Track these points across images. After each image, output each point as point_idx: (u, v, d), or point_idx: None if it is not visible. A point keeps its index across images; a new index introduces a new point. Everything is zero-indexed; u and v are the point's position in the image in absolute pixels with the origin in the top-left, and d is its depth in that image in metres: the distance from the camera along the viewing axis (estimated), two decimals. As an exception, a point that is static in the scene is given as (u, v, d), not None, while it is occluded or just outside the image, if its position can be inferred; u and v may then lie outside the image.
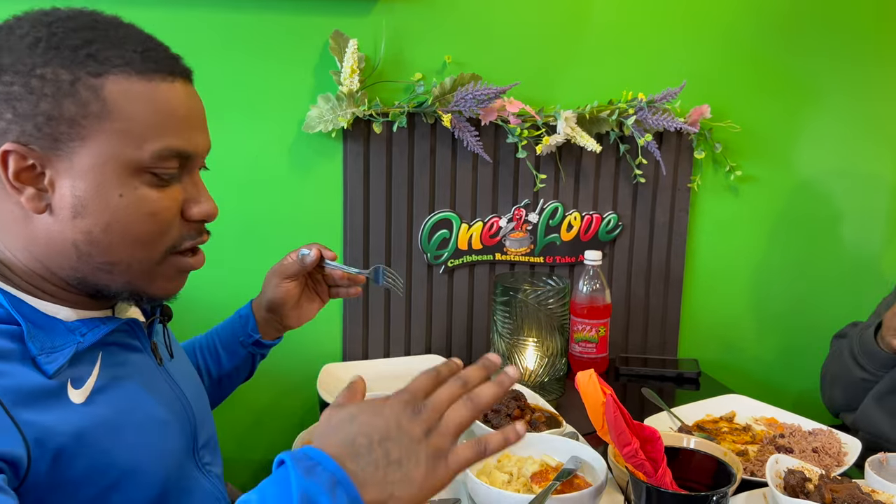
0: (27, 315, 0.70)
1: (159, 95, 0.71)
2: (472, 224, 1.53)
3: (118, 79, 0.69)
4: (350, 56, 1.35)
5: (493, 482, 0.96)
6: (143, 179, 0.71)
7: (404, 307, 1.54)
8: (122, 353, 0.79)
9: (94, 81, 0.68)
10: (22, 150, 0.67)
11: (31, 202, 0.69)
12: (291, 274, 1.06)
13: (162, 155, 0.71)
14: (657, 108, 1.51)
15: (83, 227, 0.70)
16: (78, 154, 0.69)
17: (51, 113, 0.67)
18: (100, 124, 0.68)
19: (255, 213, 1.45)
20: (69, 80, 0.67)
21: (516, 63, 1.50)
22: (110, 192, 0.70)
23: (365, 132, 1.44)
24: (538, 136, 1.48)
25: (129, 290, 0.76)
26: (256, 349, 1.12)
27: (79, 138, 0.68)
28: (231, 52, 1.37)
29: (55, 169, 0.69)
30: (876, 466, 0.98)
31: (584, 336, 1.48)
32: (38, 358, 0.68)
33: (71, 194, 0.69)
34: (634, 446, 0.82)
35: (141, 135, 0.70)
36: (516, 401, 1.17)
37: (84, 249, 0.71)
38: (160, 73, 0.71)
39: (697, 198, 1.66)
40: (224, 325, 1.14)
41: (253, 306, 1.11)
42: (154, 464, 0.77)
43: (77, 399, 0.70)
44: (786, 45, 1.64)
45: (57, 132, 0.68)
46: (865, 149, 1.73)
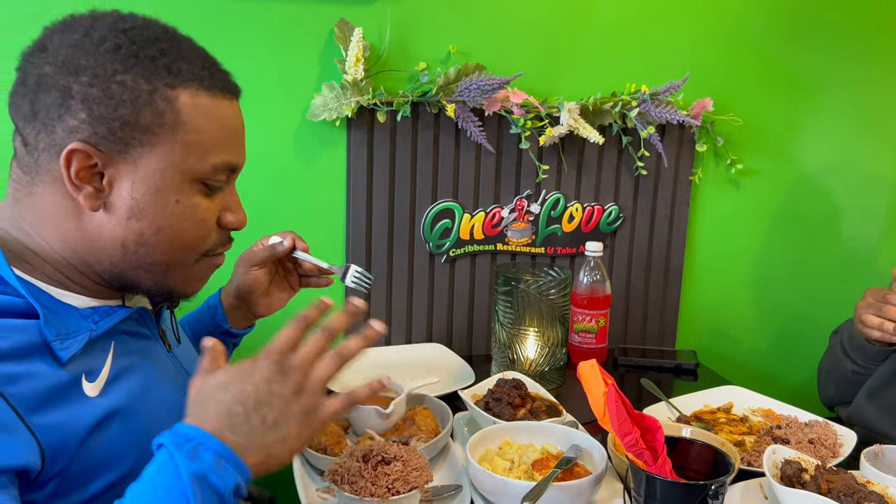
0: (44, 302, 0.71)
1: (223, 112, 0.76)
2: (475, 214, 1.54)
3: (189, 92, 0.73)
4: (355, 45, 1.35)
5: (495, 469, 0.97)
6: (197, 188, 0.76)
7: (406, 296, 1.55)
8: (133, 341, 0.81)
9: (170, 93, 0.72)
10: (89, 150, 0.70)
11: (88, 200, 0.71)
12: (259, 261, 1.05)
13: (219, 167, 0.76)
14: (660, 100, 1.51)
15: (137, 228, 0.73)
16: (144, 159, 0.72)
17: (127, 119, 0.70)
18: (172, 135, 0.72)
19: (258, 200, 1.45)
20: (148, 90, 0.71)
21: (521, 54, 1.50)
22: (168, 197, 0.73)
23: (369, 121, 1.44)
24: (541, 127, 1.49)
25: (162, 288, 0.79)
26: (227, 338, 1.11)
27: (149, 145, 0.71)
28: (235, 39, 1.37)
29: (117, 170, 0.71)
30: (871, 458, 1.00)
31: (584, 326, 1.49)
32: (54, 344, 0.69)
33: (129, 196, 0.72)
34: (635, 435, 0.83)
35: (207, 148, 0.74)
36: (517, 389, 1.19)
37: (132, 249, 0.74)
38: (222, 90, 0.76)
39: (698, 191, 1.67)
40: (193, 315, 1.13)
41: (221, 295, 1.10)
42: None
43: (92, 392, 0.72)
44: (789, 40, 1.64)
45: (129, 137, 0.71)
46: (866, 145, 1.74)
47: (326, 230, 1.50)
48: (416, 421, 1.12)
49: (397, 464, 0.92)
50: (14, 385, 0.65)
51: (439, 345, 1.56)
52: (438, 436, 1.08)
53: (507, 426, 1.08)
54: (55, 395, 0.68)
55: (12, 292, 0.70)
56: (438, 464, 1.08)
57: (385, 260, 1.52)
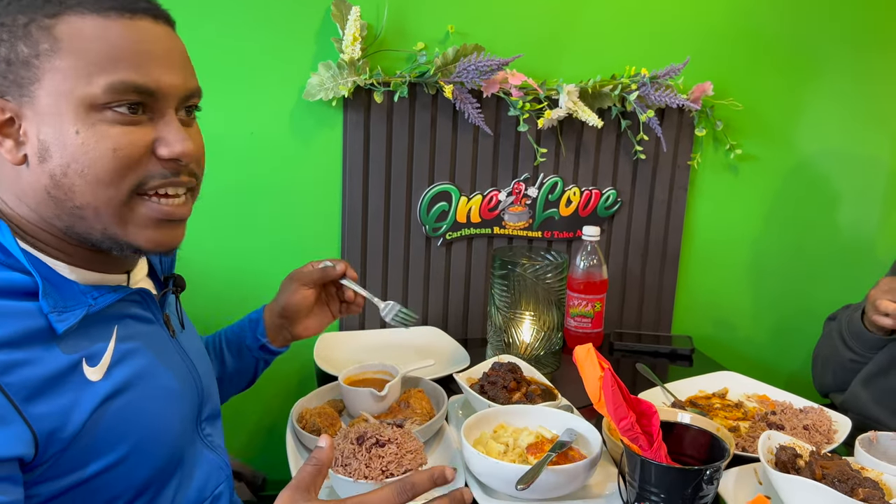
0: (43, 273, 0.70)
1: (113, 31, 0.69)
2: (472, 197, 1.53)
3: (72, 18, 0.68)
4: (352, 23, 1.33)
5: (489, 452, 0.97)
6: (102, 117, 0.69)
7: (402, 279, 1.54)
8: (136, 324, 0.80)
9: (48, 21, 0.68)
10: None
11: (10, 154, 0.70)
12: (311, 281, 1.07)
13: (116, 88, 0.69)
14: (660, 83, 1.50)
15: (48, 169, 0.69)
16: (38, 97, 0.68)
17: (8, 57, 0.68)
18: (50, 62, 0.68)
19: (254, 180, 1.44)
20: (24, 23, 0.68)
21: (520, 35, 1.48)
22: (67, 129, 0.68)
23: (366, 101, 1.43)
24: (540, 109, 1.47)
25: (109, 237, 0.73)
26: (262, 354, 1.11)
27: (36, 80, 0.68)
28: (231, 16, 1.35)
29: (27, 118, 0.69)
30: (866, 444, 1.00)
31: (580, 311, 1.49)
32: (51, 315, 0.68)
33: (37, 139, 0.69)
34: (631, 420, 0.83)
35: (92, 69, 0.68)
36: (512, 373, 1.18)
37: (54, 194, 0.70)
38: (116, 9, 0.70)
39: (697, 175, 1.66)
40: (232, 327, 1.14)
41: (265, 311, 1.11)
42: (163, 434, 0.78)
43: (94, 377, 0.71)
44: (791, 26, 1.62)
45: (18, 77, 0.68)
46: (865, 131, 1.73)
47: (322, 212, 1.49)
48: (411, 404, 1.12)
49: (391, 446, 0.91)
50: (10, 374, 0.64)
51: (435, 328, 1.55)
52: (433, 419, 1.07)
53: (501, 409, 1.07)
54: (54, 382, 0.67)
55: (16, 264, 0.69)
56: (433, 447, 1.08)
57: (381, 242, 1.51)
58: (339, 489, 0.92)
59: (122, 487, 0.74)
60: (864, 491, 0.86)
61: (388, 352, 1.42)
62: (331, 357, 1.38)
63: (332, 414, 1.10)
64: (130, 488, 0.75)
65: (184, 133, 0.74)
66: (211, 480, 0.87)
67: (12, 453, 0.62)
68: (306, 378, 1.53)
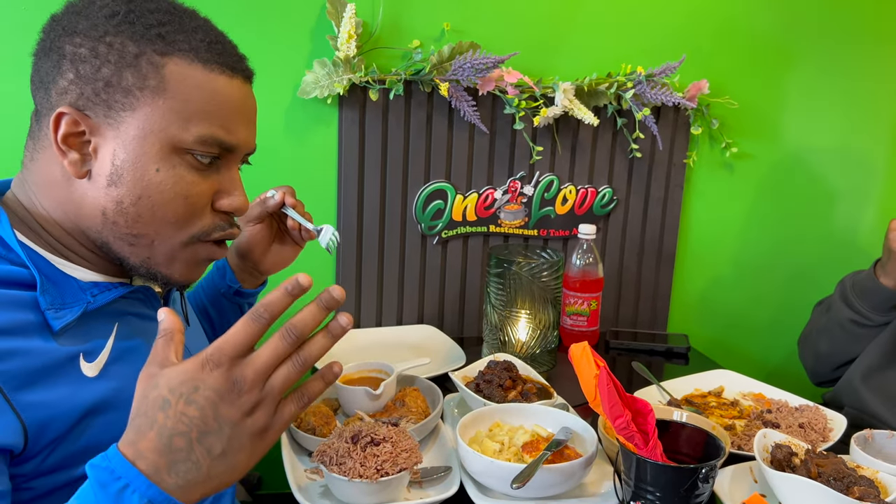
0: (42, 269, 0.70)
1: (215, 86, 0.73)
2: (467, 195, 1.53)
3: (181, 62, 0.71)
4: (347, 21, 1.33)
5: (485, 451, 0.96)
6: (182, 160, 0.73)
7: (397, 277, 1.54)
8: (139, 322, 0.79)
9: (158, 59, 0.70)
10: (76, 115, 0.70)
11: (73, 166, 0.71)
12: (253, 217, 1.05)
13: (205, 140, 0.73)
14: (656, 82, 1.50)
15: (115, 195, 0.71)
16: (126, 123, 0.70)
17: (110, 79, 0.70)
18: (153, 99, 0.70)
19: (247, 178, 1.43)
20: (134, 53, 0.70)
21: (516, 33, 1.48)
22: (148, 165, 0.71)
23: (361, 99, 1.42)
24: (536, 107, 1.47)
25: (147, 266, 0.76)
26: (240, 299, 1.11)
27: (130, 108, 0.70)
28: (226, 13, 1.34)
29: (103, 137, 0.71)
30: (861, 442, 1.00)
31: (575, 309, 1.48)
32: (47, 312, 0.68)
33: (111, 162, 0.71)
34: (626, 418, 0.83)
35: (190, 117, 0.72)
36: (508, 371, 1.18)
37: (111, 218, 0.72)
38: (221, 65, 0.74)
39: (693, 173, 1.66)
40: (206, 279, 1.13)
41: (227, 255, 1.09)
42: None
43: (90, 373, 0.71)
44: (786, 24, 1.62)
45: (112, 99, 0.70)
46: (860, 130, 1.73)
47: (317, 210, 1.47)
48: (406, 402, 1.12)
49: (386, 445, 0.91)
50: (2, 362, 0.63)
51: (430, 326, 1.55)
52: (428, 417, 1.07)
53: (497, 408, 1.07)
54: (47, 373, 0.67)
55: (14, 258, 0.70)
56: (428, 445, 1.07)
57: (376, 240, 1.51)
58: (335, 488, 0.91)
59: None
60: (859, 489, 0.86)
61: (383, 350, 1.42)
62: (326, 355, 1.37)
63: (327, 412, 1.09)
64: None
65: (242, 188, 0.79)
66: None
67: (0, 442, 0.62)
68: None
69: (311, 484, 0.96)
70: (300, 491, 0.93)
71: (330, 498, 0.92)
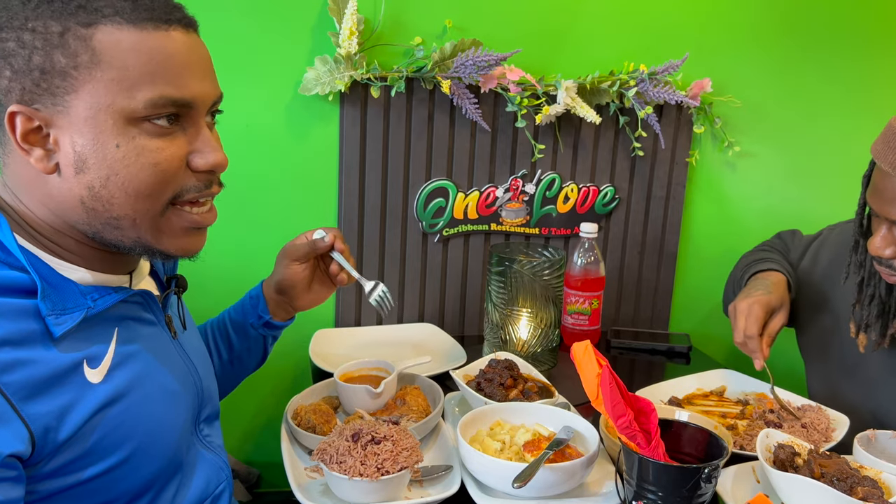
0: (43, 273, 0.70)
1: (151, 43, 0.69)
2: (469, 193, 1.52)
3: (109, 28, 0.67)
4: (349, 18, 1.32)
5: (486, 450, 0.96)
6: (141, 129, 0.69)
7: (398, 275, 1.53)
8: (138, 326, 0.79)
9: (84, 31, 0.67)
10: (27, 112, 0.67)
11: (40, 163, 0.69)
12: (301, 256, 1.06)
13: (156, 103, 0.69)
14: (658, 80, 1.49)
15: (86, 181, 0.69)
16: (73, 107, 0.67)
17: (43, 66, 0.66)
18: (90, 74, 0.67)
19: (249, 174, 1.43)
20: (58, 32, 0.66)
21: (518, 30, 1.47)
22: (107, 143, 0.68)
23: (362, 96, 1.42)
24: (538, 105, 1.47)
25: (141, 245, 0.74)
26: (267, 330, 1.11)
27: (72, 90, 0.67)
28: (227, 9, 1.34)
29: (58, 126, 0.68)
30: (864, 443, 0.99)
31: (577, 308, 1.48)
32: (48, 318, 0.67)
33: (72, 150, 0.68)
34: (629, 418, 0.82)
35: (132, 83, 0.68)
36: (509, 370, 1.17)
37: (90, 205, 0.70)
38: (153, 21, 0.69)
39: (695, 172, 1.65)
40: (235, 307, 1.13)
41: (263, 287, 1.10)
42: (163, 436, 0.77)
43: (94, 379, 0.70)
44: (790, 23, 1.62)
45: (52, 86, 0.67)
46: (864, 130, 1.72)
47: (318, 208, 1.48)
48: (407, 401, 1.11)
49: (387, 443, 0.91)
50: (9, 373, 0.63)
51: (431, 325, 1.54)
52: (429, 416, 1.07)
53: (498, 407, 1.07)
54: (53, 382, 0.66)
55: (14, 262, 0.69)
56: (429, 444, 1.07)
57: (377, 238, 1.50)
58: (335, 487, 0.91)
59: (121, 489, 0.73)
60: (862, 489, 0.85)
61: (384, 348, 1.42)
62: (326, 353, 1.37)
63: (328, 411, 1.09)
64: (130, 490, 0.74)
65: (214, 142, 0.75)
66: (212, 481, 0.86)
67: (9, 450, 0.61)
68: (301, 374, 1.52)
69: (311, 482, 0.96)
70: (300, 489, 0.92)
71: (330, 496, 0.92)
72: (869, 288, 1.16)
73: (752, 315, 1.21)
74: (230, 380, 1.13)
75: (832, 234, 1.37)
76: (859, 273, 1.17)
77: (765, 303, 1.23)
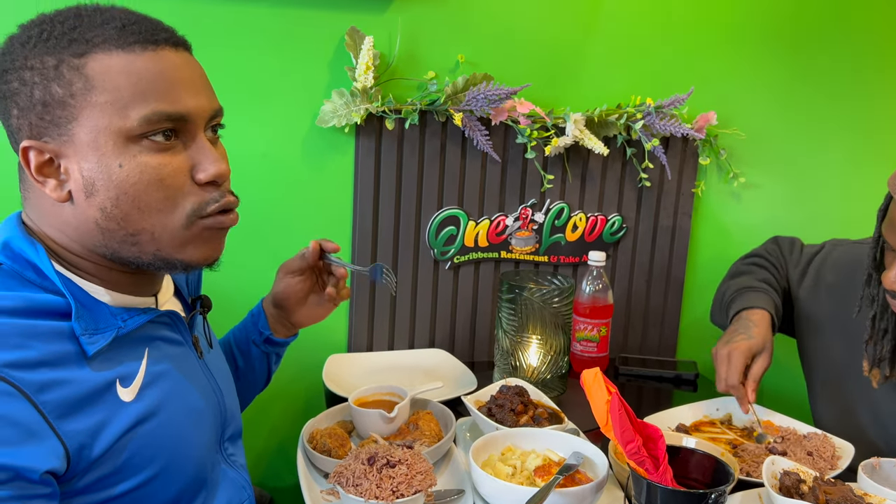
0: (77, 295, 0.73)
1: (140, 64, 0.72)
2: (479, 222, 1.56)
3: (100, 56, 0.71)
4: (365, 53, 1.37)
5: (497, 474, 0.98)
6: (141, 147, 0.72)
7: (409, 301, 1.57)
8: (167, 346, 0.82)
9: (77, 62, 0.71)
10: (37, 145, 0.71)
11: (54, 192, 0.73)
12: (294, 269, 1.08)
13: (150, 119, 0.71)
14: (664, 113, 1.53)
15: (97, 203, 0.72)
16: (76, 134, 0.71)
17: (44, 99, 0.70)
18: (86, 100, 0.70)
19: (267, 203, 1.47)
20: (53, 65, 0.70)
21: (528, 65, 1.52)
22: (111, 164, 0.71)
23: (377, 128, 1.46)
24: (547, 137, 1.51)
25: (160, 259, 0.76)
26: (268, 347, 1.13)
27: (73, 119, 0.71)
28: (248, 44, 1.39)
29: (66, 156, 0.72)
30: (869, 470, 1.01)
31: (585, 335, 1.50)
32: (82, 338, 0.70)
33: (80, 175, 0.72)
34: (637, 444, 0.84)
35: (126, 103, 0.71)
36: (519, 396, 1.20)
37: (104, 226, 0.73)
38: (140, 43, 0.72)
39: (701, 203, 1.68)
40: (238, 325, 1.16)
41: (263, 303, 1.13)
42: (189, 454, 0.80)
43: (126, 397, 0.73)
44: (793, 56, 1.66)
45: (55, 117, 0.71)
46: (868, 161, 1.75)
47: (333, 235, 1.51)
48: (420, 425, 1.14)
49: (402, 467, 0.93)
50: (46, 392, 0.66)
51: (442, 350, 1.57)
52: (442, 440, 1.09)
53: (509, 432, 1.09)
54: (87, 401, 0.70)
55: (50, 286, 0.72)
56: (441, 468, 1.09)
57: (390, 265, 1.53)
58: (350, 509, 0.93)
59: None
60: (866, 516, 0.87)
61: (396, 374, 1.44)
62: (339, 378, 1.40)
63: (343, 434, 1.11)
64: None
65: (216, 154, 0.77)
66: (234, 499, 0.89)
67: (46, 466, 0.64)
68: (314, 398, 1.54)
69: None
70: (317, 511, 0.95)
71: (346, 519, 0.94)
72: (882, 322, 1.17)
73: (732, 364, 1.23)
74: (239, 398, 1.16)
75: (835, 252, 1.37)
76: (872, 307, 1.18)
77: (744, 349, 1.24)
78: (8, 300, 0.69)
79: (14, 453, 0.62)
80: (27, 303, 0.70)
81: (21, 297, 0.70)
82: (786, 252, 1.46)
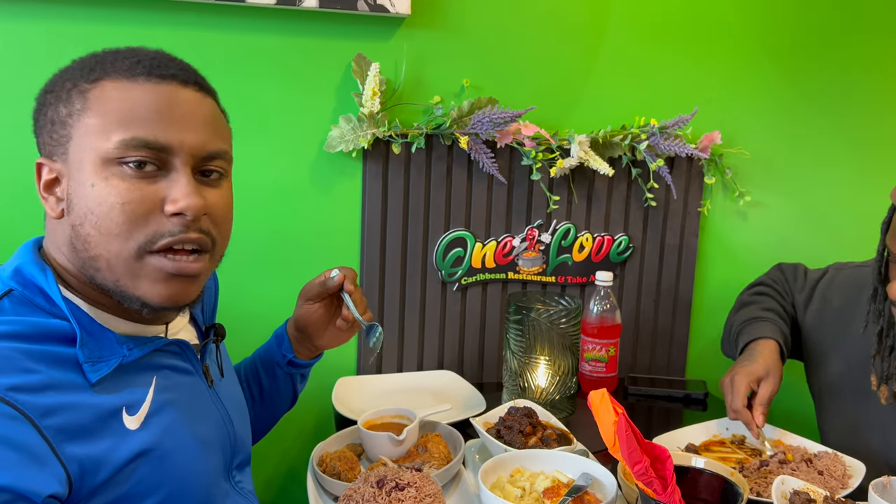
0: (83, 323, 0.74)
1: (137, 92, 0.73)
2: (486, 243, 1.57)
3: (108, 83, 0.74)
4: (372, 79, 1.39)
5: (507, 496, 0.98)
6: (115, 171, 0.72)
7: (418, 323, 1.57)
8: (176, 375, 0.82)
9: (87, 86, 0.74)
10: (47, 163, 0.75)
11: (53, 210, 0.76)
12: (314, 296, 1.08)
13: (128, 144, 0.71)
14: (669, 133, 1.55)
15: (70, 221, 0.74)
16: (71, 153, 0.74)
17: (53, 119, 0.74)
18: (80, 121, 0.73)
19: (276, 228, 1.49)
20: (68, 88, 0.74)
21: (532, 88, 1.54)
22: (85, 182, 0.73)
23: (384, 152, 1.48)
24: (552, 158, 1.52)
25: (120, 291, 0.75)
26: (293, 369, 1.14)
27: (70, 139, 0.73)
28: (257, 72, 1.42)
29: (65, 175, 0.74)
30: (880, 489, 1.00)
31: (594, 355, 1.51)
32: (85, 366, 0.71)
33: (65, 192, 0.74)
34: (645, 464, 0.85)
35: (111, 127, 0.72)
36: (528, 418, 1.20)
37: (75, 244, 0.74)
38: (146, 74, 0.74)
39: (707, 222, 1.69)
40: (264, 346, 1.16)
41: (286, 326, 1.14)
42: (196, 484, 0.80)
43: (132, 426, 0.74)
44: (797, 75, 1.67)
45: (60, 136, 0.74)
46: (875, 179, 1.75)
47: (341, 258, 1.53)
48: (429, 448, 1.14)
49: (411, 490, 0.93)
50: (50, 417, 0.66)
51: (450, 372, 1.57)
52: (450, 463, 1.09)
53: (518, 454, 1.09)
54: (92, 427, 0.70)
55: (58, 312, 0.74)
56: (450, 491, 1.09)
57: (398, 288, 1.55)
58: (360, 532, 0.93)
59: None
60: (878, 536, 0.86)
61: (404, 396, 1.45)
62: (348, 401, 1.40)
63: (352, 458, 1.12)
64: None
65: (190, 188, 0.74)
66: None
67: (48, 491, 0.65)
68: (323, 421, 1.54)
69: (336, 528, 0.98)
70: (327, 535, 0.95)
71: (355, 542, 0.94)
72: (889, 339, 1.17)
73: (736, 390, 1.24)
74: (264, 420, 1.16)
75: (840, 275, 1.38)
76: (878, 322, 1.18)
77: (747, 374, 1.26)
78: (15, 325, 0.70)
79: (16, 476, 0.62)
80: (34, 328, 0.71)
81: (28, 322, 0.71)
82: (790, 278, 1.48)
